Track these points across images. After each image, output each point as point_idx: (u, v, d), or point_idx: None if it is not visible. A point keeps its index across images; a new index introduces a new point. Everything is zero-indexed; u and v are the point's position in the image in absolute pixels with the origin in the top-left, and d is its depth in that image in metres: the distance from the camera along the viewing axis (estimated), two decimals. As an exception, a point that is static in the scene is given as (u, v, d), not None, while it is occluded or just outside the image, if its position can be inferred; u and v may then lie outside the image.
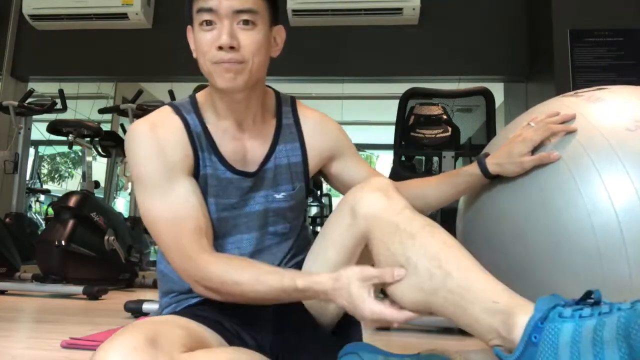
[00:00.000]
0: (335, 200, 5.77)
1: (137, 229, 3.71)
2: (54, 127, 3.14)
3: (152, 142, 0.95)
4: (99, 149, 3.89)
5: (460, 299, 0.81)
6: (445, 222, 1.04)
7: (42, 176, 8.37)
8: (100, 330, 1.59)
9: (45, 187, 6.87)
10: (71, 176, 9.13)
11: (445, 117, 2.24)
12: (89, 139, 3.41)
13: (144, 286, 3.31)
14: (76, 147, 3.37)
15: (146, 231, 0.97)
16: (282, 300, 0.89)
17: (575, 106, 1.09)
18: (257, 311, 0.95)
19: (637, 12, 3.11)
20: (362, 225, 0.93)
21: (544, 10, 3.32)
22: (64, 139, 3.21)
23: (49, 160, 9.11)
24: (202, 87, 1.09)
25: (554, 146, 1.03)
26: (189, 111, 1.02)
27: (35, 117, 3.60)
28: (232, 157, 1.01)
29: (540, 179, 1.03)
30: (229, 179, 1.01)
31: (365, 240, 0.94)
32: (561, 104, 1.14)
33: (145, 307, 1.97)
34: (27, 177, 4.61)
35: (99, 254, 2.93)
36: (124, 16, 3.87)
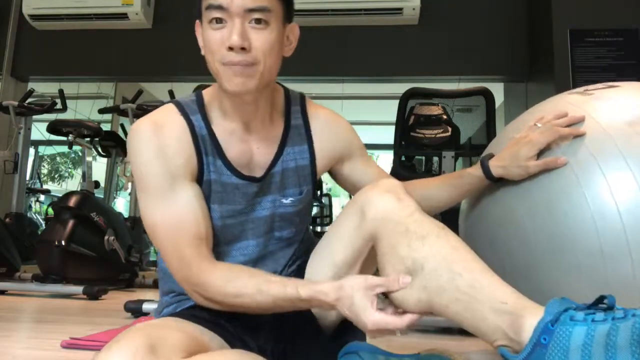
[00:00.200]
0: (335, 200, 5.76)
1: (137, 229, 3.71)
2: (54, 127, 3.14)
3: (154, 145, 0.92)
4: (99, 149, 3.89)
5: (467, 299, 0.80)
6: (444, 222, 1.03)
7: (42, 176, 8.37)
8: (100, 330, 1.59)
9: (45, 187, 6.87)
10: (71, 176, 9.13)
11: (445, 117, 2.24)
12: (89, 139, 3.40)
13: (144, 286, 3.31)
14: (76, 147, 3.37)
15: (146, 231, 0.95)
16: (285, 309, 0.88)
17: (584, 105, 1.05)
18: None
19: (637, 12, 3.11)
20: (370, 226, 0.91)
21: (544, 10, 3.32)
22: (64, 139, 3.20)
23: (49, 160, 9.11)
24: (203, 87, 1.07)
25: (560, 149, 1.00)
26: (194, 111, 0.98)
27: (35, 117, 3.59)
28: (238, 161, 0.98)
29: (544, 182, 1.01)
30: (234, 184, 0.97)
31: (372, 241, 0.93)
32: (568, 102, 1.10)
33: (145, 307, 1.97)
34: (27, 177, 4.61)
35: (99, 254, 2.93)
36: (124, 16, 3.87)
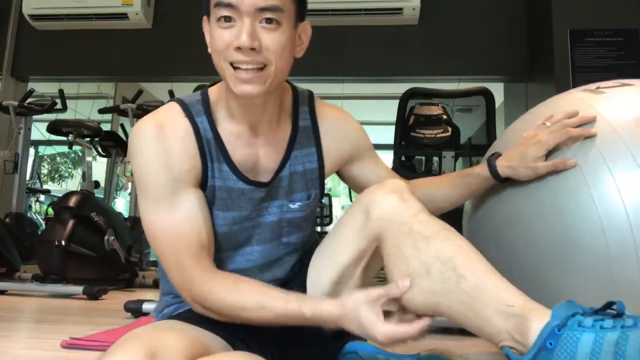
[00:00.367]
0: (335, 200, 5.76)
1: (137, 229, 3.71)
2: (54, 127, 3.14)
3: (158, 149, 0.89)
4: (99, 149, 3.89)
5: (473, 301, 0.79)
6: (447, 222, 1.03)
7: (42, 176, 8.37)
8: (100, 330, 1.59)
9: (45, 187, 6.87)
10: (71, 176, 9.13)
11: (445, 117, 2.24)
12: (89, 139, 3.40)
13: (144, 286, 3.30)
14: (76, 147, 3.37)
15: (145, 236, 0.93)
16: (288, 324, 0.86)
17: (594, 103, 1.02)
18: None
19: (637, 12, 3.11)
20: (375, 226, 0.90)
21: (544, 10, 3.32)
22: (64, 139, 3.20)
23: (49, 160, 9.11)
24: (202, 87, 1.06)
25: (569, 149, 0.98)
26: (199, 112, 0.94)
27: (35, 117, 3.59)
28: (244, 165, 0.95)
29: (552, 183, 0.98)
30: (241, 189, 0.94)
31: (377, 242, 0.91)
32: (578, 99, 1.06)
33: (145, 307, 1.97)
34: (27, 177, 4.61)
35: (99, 254, 2.93)
36: (124, 16, 3.87)
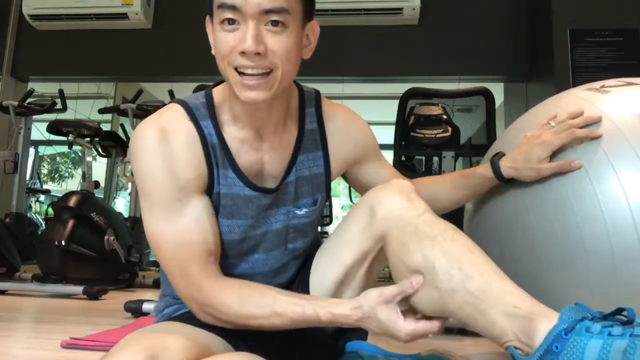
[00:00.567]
0: (335, 200, 5.76)
1: (137, 229, 3.71)
2: (54, 127, 3.14)
3: (162, 155, 0.86)
4: (99, 149, 3.89)
5: (479, 301, 0.78)
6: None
7: (42, 176, 8.37)
8: (100, 330, 1.59)
9: (45, 187, 6.87)
10: (71, 176, 9.13)
11: (445, 117, 2.24)
12: (89, 139, 3.40)
13: (144, 286, 3.30)
14: (76, 147, 3.37)
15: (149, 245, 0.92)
16: (301, 328, 0.86)
17: (599, 103, 1.00)
18: None
19: (637, 12, 3.11)
20: (380, 226, 0.89)
21: (544, 10, 3.32)
22: (64, 139, 3.20)
23: (49, 160, 9.11)
24: (203, 87, 1.05)
25: (575, 151, 0.96)
26: (204, 116, 0.91)
27: (35, 117, 3.59)
28: (249, 171, 0.93)
29: (556, 184, 0.97)
30: (247, 196, 0.92)
31: (381, 242, 0.91)
32: (583, 98, 1.04)
33: (145, 307, 1.97)
34: (27, 177, 4.61)
35: (99, 254, 2.93)
36: (124, 16, 3.87)
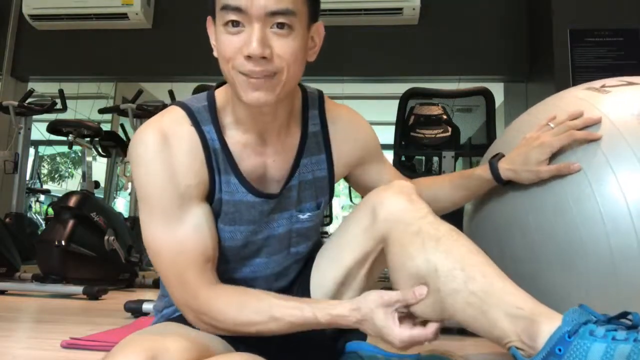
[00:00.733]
0: (335, 200, 5.75)
1: (137, 229, 3.71)
2: (54, 127, 3.14)
3: (162, 161, 0.84)
4: (99, 149, 3.89)
5: (481, 302, 0.78)
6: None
7: (42, 176, 8.38)
8: (100, 330, 1.58)
9: (45, 187, 6.87)
10: (71, 176, 9.14)
11: (445, 117, 2.24)
12: (89, 139, 3.40)
13: (144, 286, 3.30)
14: (76, 147, 3.36)
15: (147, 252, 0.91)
16: (300, 331, 0.85)
17: (599, 103, 0.99)
18: None
19: (637, 12, 3.11)
20: (382, 227, 0.89)
21: (544, 10, 3.32)
22: (64, 139, 3.20)
23: (49, 160, 9.12)
24: (203, 87, 1.04)
25: (574, 153, 0.95)
26: (206, 120, 0.89)
27: (35, 117, 3.59)
28: (252, 175, 0.91)
29: (555, 186, 0.96)
30: (250, 202, 0.91)
31: (382, 243, 0.90)
32: (581, 98, 1.04)
33: (145, 307, 1.97)
34: (27, 177, 4.61)
35: (99, 254, 2.93)
36: (124, 16, 3.87)
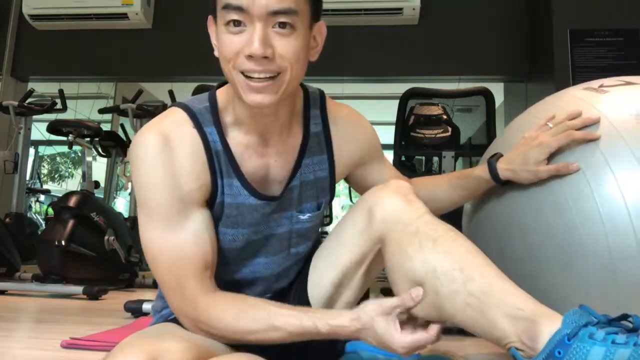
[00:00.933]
0: (335, 200, 5.75)
1: (137, 229, 3.70)
2: (54, 127, 3.14)
3: (164, 164, 0.83)
4: (99, 149, 3.89)
5: (481, 303, 0.77)
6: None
7: (42, 176, 8.38)
8: (100, 330, 1.58)
9: (45, 187, 6.87)
10: (71, 176, 9.14)
11: (445, 117, 2.24)
12: (89, 139, 3.40)
13: (144, 286, 3.30)
14: (76, 147, 3.37)
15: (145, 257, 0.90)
16: (300, 340, 0.84)
17: (597, 103, 0.99)
18: None
19: (637, 12, 3.11)
20: (379, 228, 0.88)
21: (544, 10, 3.32)
22: (64, 139, 3.20)
23: (49, 160, 9.12)
24: (203, 87, 1.04)
25: (573, 153, 0.95)
26: (208, 122, 0.88)
27: (35, 117, 3.59)
28: (254, 177, 0.91)
29: (554, 186, 0.96)
30: (252, 205, 0.90)
31: (380, 244, 0.90)
32: (580, 98, 1.03)
33: (145, 307, 1.97)
34: (27, 177, 4.61)
35: (99, 254, 2.93)
36: (124, 16, 3.87)
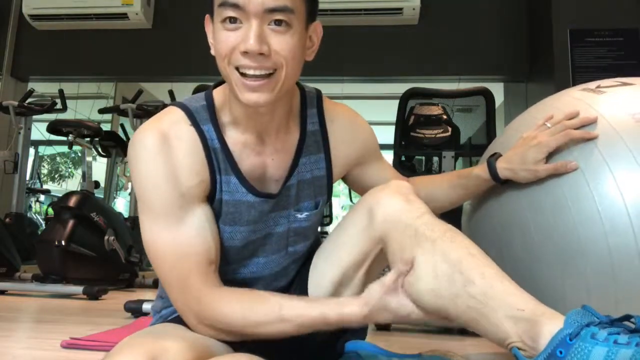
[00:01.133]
0: (335, 200, 5.75)
1: (137, 229, 3.70)
2: (54, 127, 3.14)
3: (163, 162, 0.83)
4: (99, 149, 3.89)
5: (482, 305, 0.77)
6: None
7: (42, 176, 8.38)
8: (100, 330, 1.58)
9: (45, 187, 6.87)
10: (71, 176, 9.13)
11: (445, 117, 2.24)
12: (89, 139, 3.40)
13: (144, 286, 3.30)
14: (76, 147, 3.37)
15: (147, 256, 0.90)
16: (307, 332, 0.84)
17: (594, 103, 1.00)
18: None
19: (637, 12, 3.11)
20: (379, 228, 0.88)
21: (544, 10, 3.32)
22: (64, 139, 3.20)
23: (49, 160, 9.12)
24: (202, 87, 1.04)
25: (571, 152, 0.96)
26: (205, 120, 0.89)
27: (35, 117, 3.60)
28: (251, 175, 0.91)
29: (553, 185, 0.96)
30: (250, 202, 0.90)
31: (381, 244, 0.90)
32: (578, 99, 1.04)
33: (145, 307, 1.97)
34: (27, 177, 4.61)
35: (99, 254, 2.93)
36: (124, 16, 3.87)
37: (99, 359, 0.74)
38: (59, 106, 3.47)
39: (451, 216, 1.01)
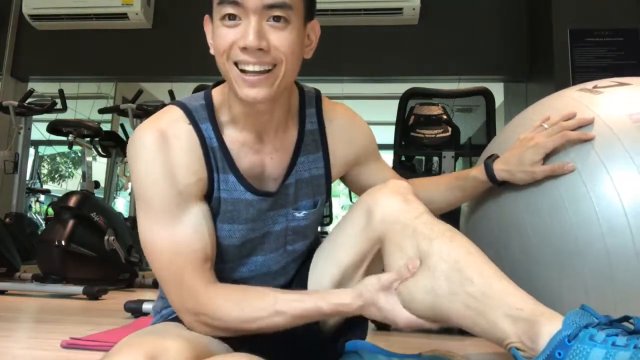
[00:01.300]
0: (335, 200, 5.75)
1: (137, 229, 3.70)
2: (54, 127, 3.14)
3: (161, 160, 0.84)
4: (99, 149, 3.89)
5: (480, 304, 0.77)
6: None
7: (42, 176, 8.38)
8: (100, 330, 1.59)
9: (45, 187, 6.87)
10: (71, 176, 9.14)
11: (445, 117, 2.24)
12: (89, 139, 3.41)
13: (144, 286, 3.30)
14: (76, 147, 3.37)
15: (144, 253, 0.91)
16: (302, 324, 0.85)
17: (591, 104, 1.00)
18: None
19: (637, 12, 3.11)
20: (377, 228, 0.89)
21: (544, 10, 3.32)
22: (64, 139, 3.20)
23: (49, 160, 9.12)
24: (202, 87, 1.04)
25: (568, 153, 0.96)
26: (203, 119, 0.89)
27: (35, 117, 3.60)
28: (250, 174, 0.91)
29: (550, 186, 0.96)
30: (248, 201, 0.91)
31: (379, 244, 0.90)
32: (575, 99, 1.04)
33: (145, 307, 1.97)
34: (27, 177, 4.61)
35: (99, 254, 2.93)
36: (124, 16, 3.87)
37: (99, 359, 0.74)
38: (59, 106, 3.47)
39: (449, 218, 1.01)
